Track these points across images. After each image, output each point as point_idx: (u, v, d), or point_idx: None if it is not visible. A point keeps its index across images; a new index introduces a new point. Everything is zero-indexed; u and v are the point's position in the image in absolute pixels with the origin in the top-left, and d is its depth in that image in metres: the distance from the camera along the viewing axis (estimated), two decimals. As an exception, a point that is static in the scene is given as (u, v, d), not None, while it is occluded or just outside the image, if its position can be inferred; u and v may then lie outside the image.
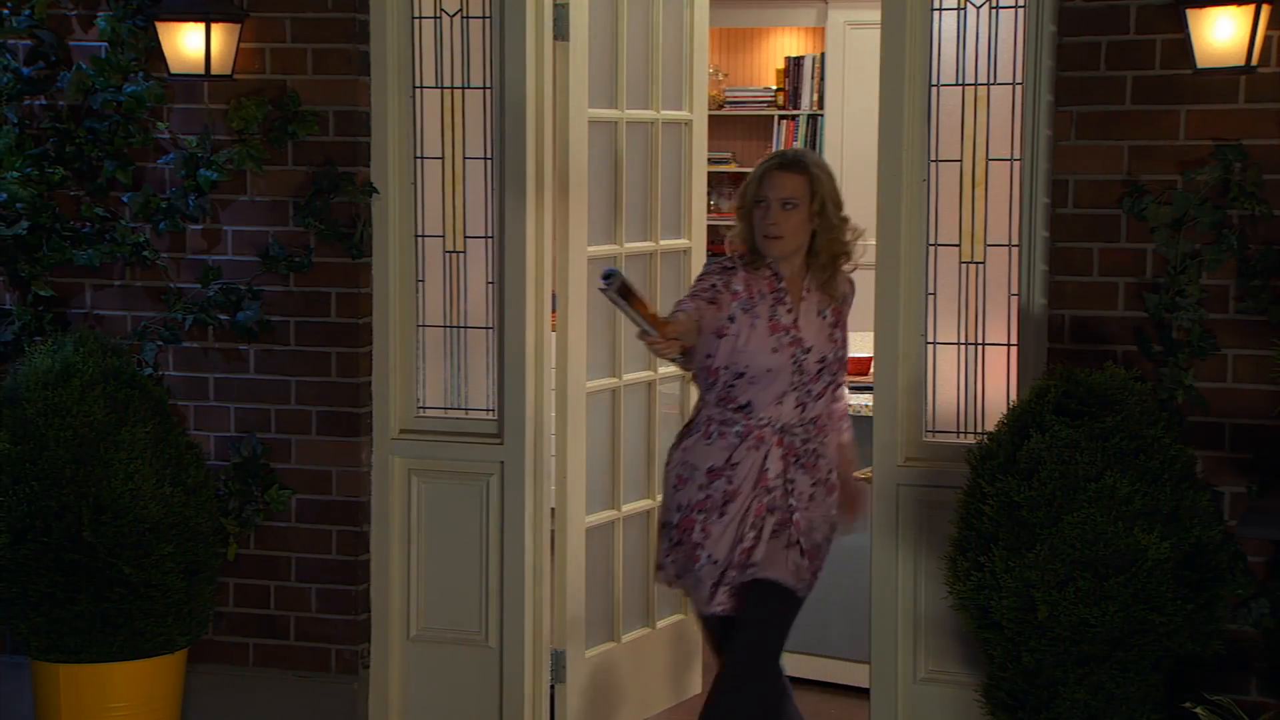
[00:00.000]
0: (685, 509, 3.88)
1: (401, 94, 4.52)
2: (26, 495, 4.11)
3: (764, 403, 3.84)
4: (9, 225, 4.57)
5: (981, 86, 4.18)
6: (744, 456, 3.85)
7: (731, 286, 3.84)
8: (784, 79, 8.80)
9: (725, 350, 3.83)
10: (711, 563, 3.84)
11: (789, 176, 3.84)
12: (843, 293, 3.96)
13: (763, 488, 3.84)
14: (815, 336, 3.87)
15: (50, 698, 4.22)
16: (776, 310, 3.84)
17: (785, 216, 3.81)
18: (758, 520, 3.84)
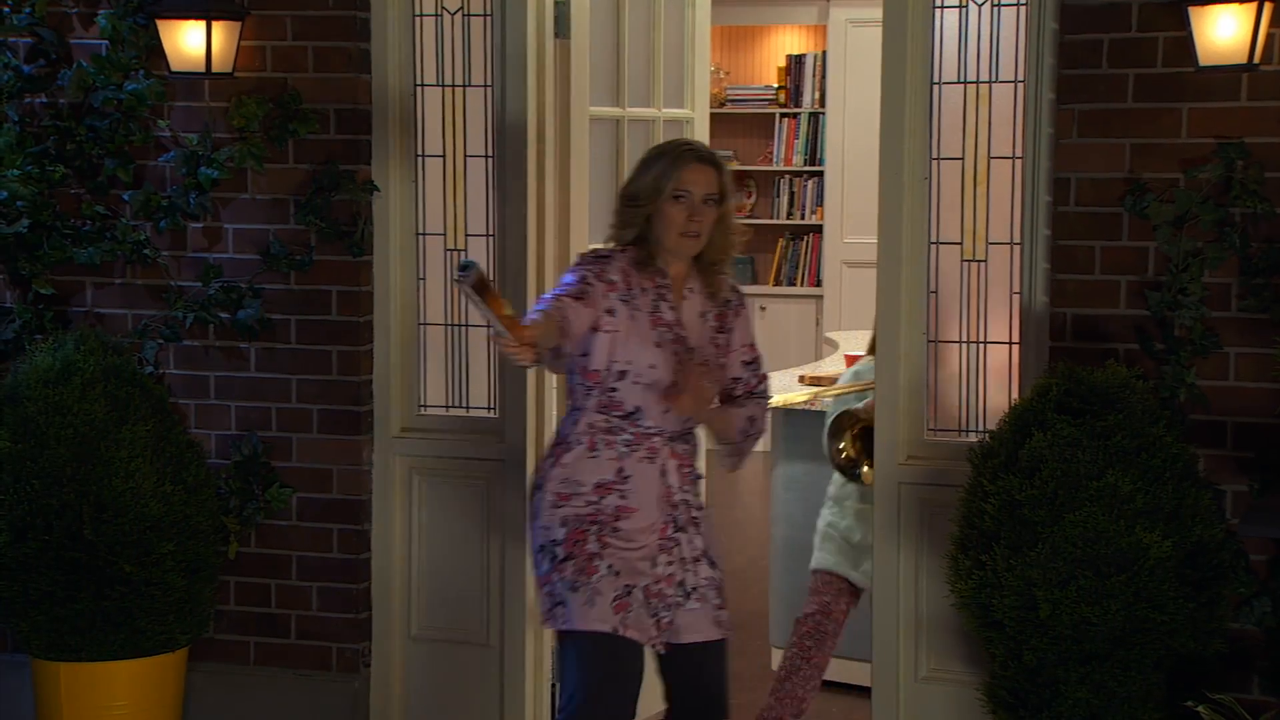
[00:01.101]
0: (573, 521, 3.52)
1: (402, 92, 4.51)
2: (27, 493, 4.11)
3: (652, 408, 3.54)
4: (10, 223, 4.57)
5: (983, 84, 4.17)
6: (637, 469, 3.54)
7: (606, 276, 3.54)
8: (785, 77, 8.81)
9: (604, 347, 3.53)
10: (613, 574, 3.49)
11: (709, 170, 3.58)
12: (724, 297, 3.70)
13: (667, 504, 3.56)
14: (698, 337, 3.63)
15: (51, 696, 4.22)
16: (659, 305, 3.58)
17: (707, 213, 3.57)
18: (666, 541, 3.55)
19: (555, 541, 3.52)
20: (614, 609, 3.46)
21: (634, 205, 3.57)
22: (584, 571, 3.48)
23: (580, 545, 3.49)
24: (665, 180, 3.55)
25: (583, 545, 3.49)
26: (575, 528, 3.51)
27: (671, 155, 3.56)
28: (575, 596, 3.46)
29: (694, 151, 3.58)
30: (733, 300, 3.71)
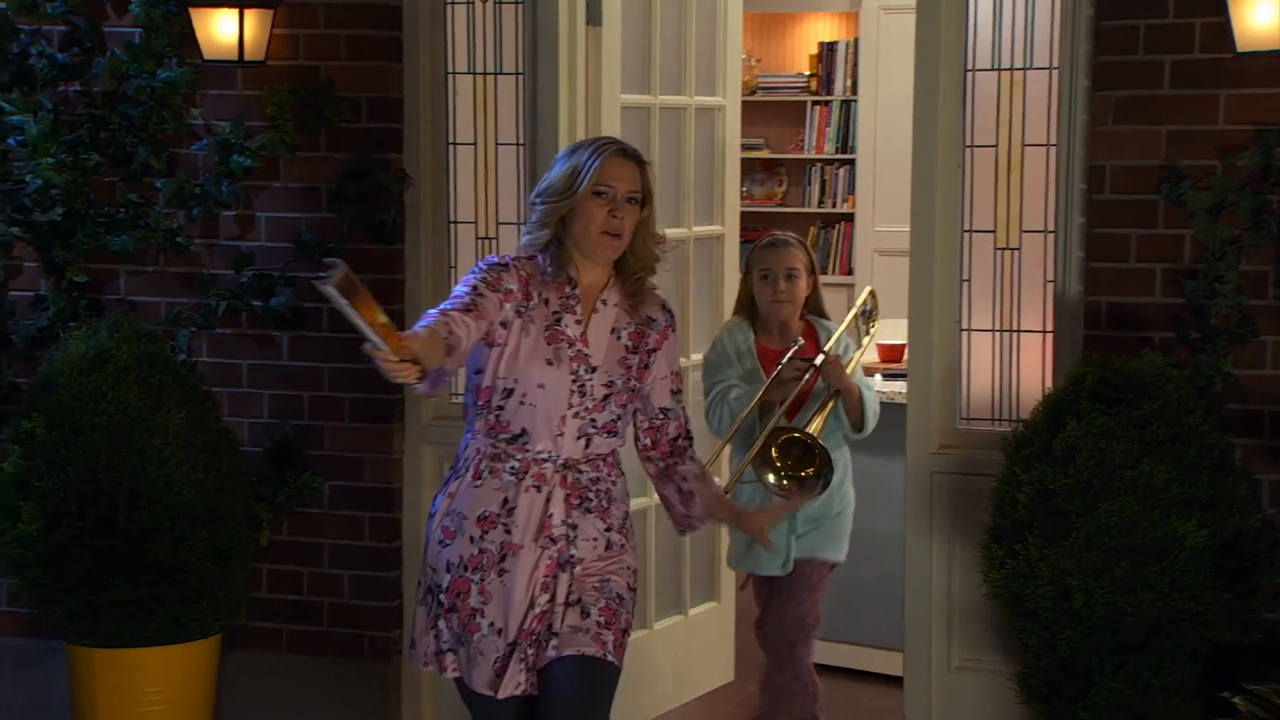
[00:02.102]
0: (456, 567, 3.21)
1: (434, 80, 4.51)
2: (62, 480, 4.13)
3: (541, 431, 3.19)
4: (44, 211, 4.59)
5: (1018, 71, 4.15)
6: (522, 500, 3.20)
7: (502, 285, 3.18)
8: (817, 64, 8.77)
9: (494, 362, 3.20)
10: (495, 632, 3.19)
11: (633, 167, 3.24)
12: (648, 315, 3.32)
13: (546, 538, 3.20)
14: (606, 357, 3.25)
15: (86, 682, 4.24)
16: (562, 318, 3.22)
17: (629, 213, 3.22)
18: (549, 580, 3.21)
19: (440, 587, 3.24)
20: (495, 671, 3.19)
21: (550, 201, 3.22)
22: (466, 628, 3.21)
23: (463, 599, 3.21)
24: (585, 174, 3.20)
25: (465, 599, 3.20)
26: (458, 576, 3.21)
27: (593, 148, 3.24)
28: (461, 651, 3.24)
29: (618, 146, 3.27)
30: (659, 320, 3.33)
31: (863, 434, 4.21)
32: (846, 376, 4.15)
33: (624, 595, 3.27)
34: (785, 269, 4.21)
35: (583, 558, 3.23)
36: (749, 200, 8.56)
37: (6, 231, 4.63)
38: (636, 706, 4.78)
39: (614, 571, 3.27)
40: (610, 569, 3.26)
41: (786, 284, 4.21)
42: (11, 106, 4.59)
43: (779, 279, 4.21)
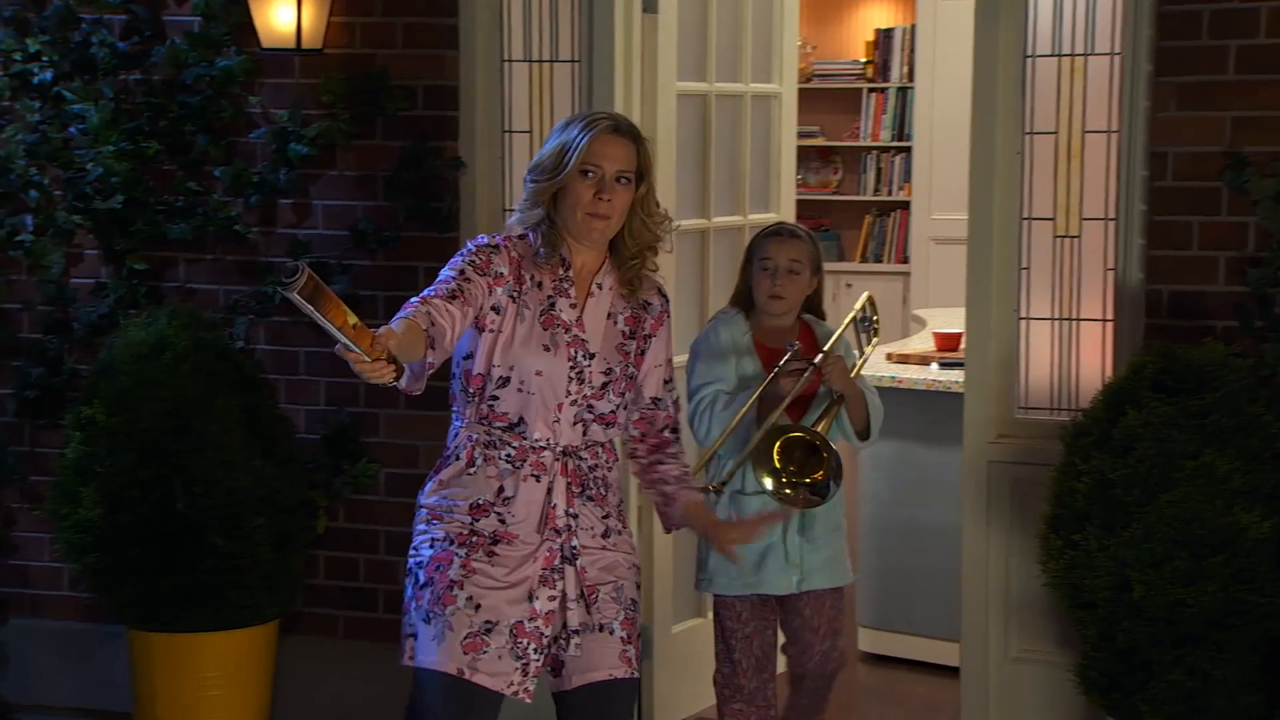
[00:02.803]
0: (441, 542, 3.04)
1: (490, 68, 4.51)
2: (122, 466, 4.17)
3: (538, 419, 3.05)
4: (105, 199, 4.63)
5: (1078, 57, 4.10)
6: (519, 489, 3.05)
7: (492, 268, 3.03)
8: (874, 51, 8.72)
9: (488, 349, 3.05)
10: (473, 607, 2.99)
11: (625, 144, 3.07)
12: (644, 300, 3.18)
13: (551, 530, 3.06)
14: (603, 343, 3.11)
15: (146, 666, 4.28)
16: (556, 302, 3.08)
17: (619, 193, 3.05)
18: (548, 573, 3.05)
19: (420, 564, 3.07)
20: (465, 647, 2.97)
21: (539, 180, 3.07)
22: (440, 601, 3.00)
23: (441, 571, 3.01)
24: (573, 151, 3.04)
25: (444, 571, 3.01)
26: (441, 550, 3.03)
27: (583, 124, 3.06)
28: (426, 629, 3.01)
29: (609, 121, 3.08)
30: (654, 305, 3.19)
31: (867, 442, 3.89)
32: (851, 379, 3.82)
33: (636, 599, 3.16)
34: (788, 262, 3.84)
35: (586, 546, 3.09)
36: (804, 188, 8.53)
37: (68, 219, 4.68)
38: (691, 695, 4.78)
39: (625, 576, 3.14)
40: (621, 572, 3.13)
41: (787, 278, 3.83)
42: (73, 95, 4.63)
43: (779, 271, 3.83)
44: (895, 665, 5.13)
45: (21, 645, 4.84)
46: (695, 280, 4.82)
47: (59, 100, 4.66)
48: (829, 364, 3.77)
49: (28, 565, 4.85)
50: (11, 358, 4.79)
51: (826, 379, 3.78)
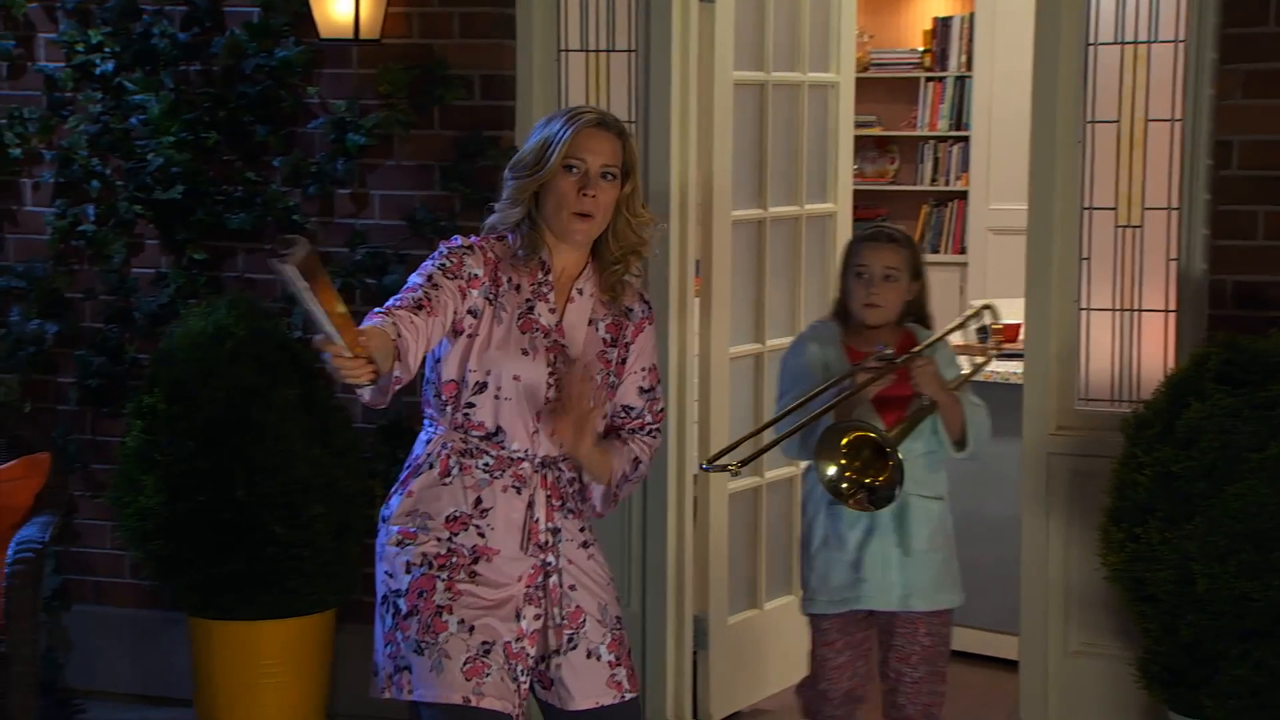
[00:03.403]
0: (419, 566, 2.88)
1: (547, 57, 4.51)
2: (182, 454, 4.20)
3: (517, 428, 2.91)
4: (165, 189, 4.66)
5: (1141, 45, 4.06)
6: (498, 500, 2.91)
7: (465, 270, 2.88)
8: (931, 40, 8.66)
9: (462, 353, 2.91)
10: (466, 630, 2.85)
11: (610, 139, 2.94)
12: (626, 306, 3.03)
13: (534, 545, 2.92)
14: (584, 350, 2.97)
15: (206, 653, 4.31)
16: (535, 305, 2.94)
17: (604, 190, 2.91)
18: (532, 590, 2.92)
19: (398, 592, 2.89)
20: (466, 674, 2.83)
21: (520, 176, 2.93)
22: (430, 629, 2.85)
23: (426, 597, 2.85)
24: (555, 145, 2.90)
25: (429, 597, 2.85)
26: (421, 574, 2.87)
27: (566, 118, 2.93)
28: (421, 660, 2.85)
29: (593, 115, 2.94)
30: (636, 310, 3.04)
31: (965, 453, 3.68)
32: (943, 386, 3.62)
33: (620, 616, 3.03)
34: (883, 269, 3.66)
35: (571, 560, 2.97)
36: (860, 178, 8.48)
37: (129, 209, 4.72)
38: (748, 687, 4.77)
39: (608, 594, 3.02)
40: (604, 591, 3.01)
41: (882, 285, 3.66)
42: (134, 86, 4.67)
43: (875, 279, 3.66)
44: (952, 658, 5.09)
45: (84, 632, 4.89)
46: (751, 271, 4.80)
47: (120, 91, 4.69)
48: (917, 368, 3.57)
49: (90, 552, 4.89)
50: (74, 347, 4.84)
51: (915, 384, 3.60)
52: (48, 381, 4.87)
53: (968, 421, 3.65)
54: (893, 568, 3.64)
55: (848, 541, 3.66)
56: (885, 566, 3.63)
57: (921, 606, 3.65)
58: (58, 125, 4.78)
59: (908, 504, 3.61)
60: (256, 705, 4.26)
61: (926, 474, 3.67)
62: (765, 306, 4.82)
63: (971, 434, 3.66)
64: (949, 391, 3.63)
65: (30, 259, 4.83)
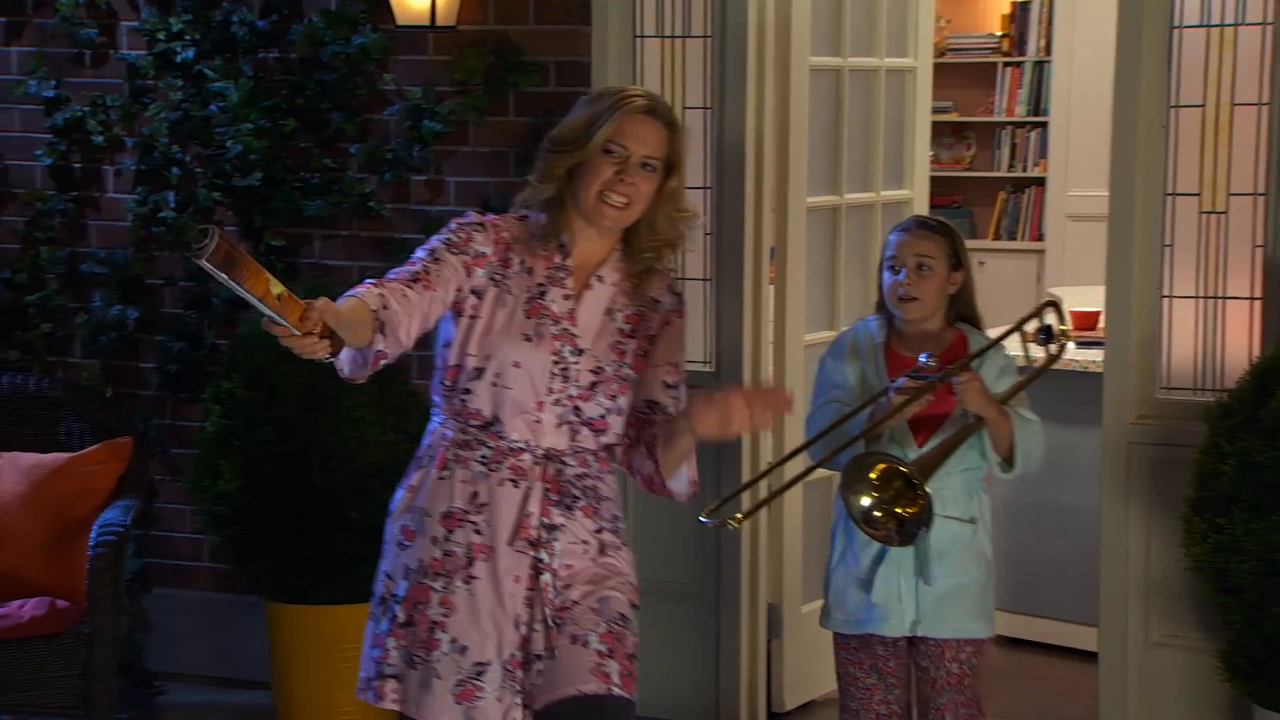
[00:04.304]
0: (415, 573, 2.77)
1: (622, 43, 4.50)
2: (259, 439, 4.23)
3: (515, 418, 2.75)
4: (243, 176, 4.70)
5: (1228, 27, 3.98)
6: (495, 495, 2.75)
7: (473, 247, 2.75)
8: (1009, 24, 8.57)
9: (463, 336, 2.77)
10: (459, 650, 2.72)
11: (657, 127, 2.78)
12: (652, 295, 2.86)
13: (524, 540, 2.75)
14: (596, 339, 2.80)
15: (283, 637, 4.35)
16: (547, 291, 2.78)
17: (641, 178, 2.76)
18: (529, 591, 2.75)
19: (395, 597, 2.79)
20: (456, 696, 2.71)
21: (558, 151, 2.77)
22: (424, 645, 2.74)
23: (421, 609, 2.74)
24: (599, 125, 2.74)
25: (424, 609, 2.74)
26: (416, 582, 2.75)
27: (615, 98, 2.78)
28: (411, 674, 2.75)
29: (644, 100, 2.79)
30: (664, 302, 2.87)
31: (1012, 474, 3.38)
32: (990, 402, 3.30)
33: (627, 614, 2.80)
34: (916, 258, 3.37)
35: (569, 564, 2.77)
36: (936, 165, 8.40)
37: (208, 196, 4.76)
38: (821, 676, 4.75)
39: (612, 587, 2.79)
40: (608, 585, 2.79)
41: (916, 277, 3.36)
42: (213, 74, 4.71)
43: (908, 269, 3.37)
44: (1030, 649, 5.05)
45: (164, 614, 4.95)
46: (826, 259, 4.77)
47: (200, 79, 4.74)
48: (961, 384, 3.26)
49: (170, 536, 4.95)
50: (154, 332, 4.90)
51: (960, 401, 3.30)
52: (128, 367, 4.93)
53: (1017, 441, 3.33)
54: (905, 592, 3.39)
55: (861, 561, 3.42)
56: (897, 591, 3.39)
57: (936, 633, 3.40)
58: (139, 113, 4.83)
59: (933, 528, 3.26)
60: (332, 689, 4.29)
61: (961, 494, 3.39)
62: (840, 294, 4.78)
63: (1020, 455, 3.35)
64: (998, 407, 3.32)
65: (112, 245, 4.89)
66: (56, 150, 4.90)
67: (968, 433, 3.31)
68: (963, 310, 3.47)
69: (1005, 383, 3.39)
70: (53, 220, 4.93)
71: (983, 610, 3.46)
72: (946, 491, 3.36)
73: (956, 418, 3.36)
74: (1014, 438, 3.33)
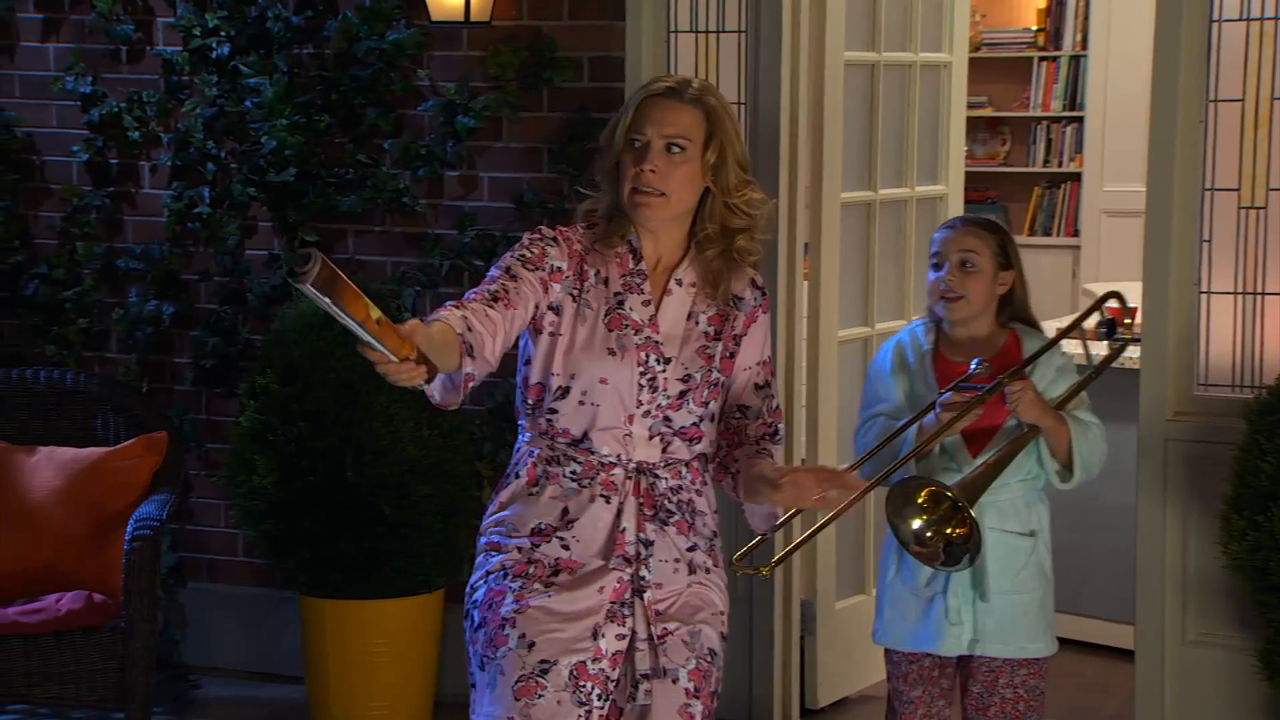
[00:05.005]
0: (496, 575, 2.69)
1: (656, 39, 4.49)
2: (294, 435, 4.24)
3: (606, 434, 2.66)
4: (278, 172, 4.71)
5: (1269, 21, 3.94)
6: (586, 511, 2.66)
7: (548, 262, 2.65)
8: (1045, 19, 8.52)
9: (545, 354, 2.68)
10: (526, 646, 2.62)
11: (679, 108, 2.64)
12: (734, 294, 2.73)
13: (619, 557, 2.66)
14: (681, 347, 2.69)
15: (317, 632, 4.36)
16: (625, 300, 2.67)
17: (670, 163, 2.63)
18: (616, 607, 2.65)
19: (474, 604, 2.72)
20: (516, 693, 2.60)
21: (599, 157, 2.70)
22: (492, 643, 2.65)
23: (494, 609, 2.66)
24: (620, 120, 2.66)
25: (496, 609, 2.66)
26: (495, 585, 2.68)
27: (640, 89, 2.71)
28: (481, 676, 2.67)
29: (666, 83, 2.67)
30: (746, 299, 2.75)
31: (1071, 484, 3.26)
32: (1046, 410, 3.18)
33: (716, 650, 2.71)
34: (960, 254, 3.23)
35: (660, 582, 2.68)
36: (971, 160, 8.35)
37: (243, 192, 4.77)
38: (855, 673, 4.73)
39: (705, 620, 2.70)
40: (704, 617, 2.70)
41: (959, 275, 3.23)
42: (249, 69, 4.72)
43: (951, 267, 3.24)
44: (1065, 645, 4.98)
45: (198, 609, 4.97)
46: (860, 255, 4.75)
47: (235, 74, 4.75)
48: (1014, 394, 3.12)
49: (205, 531, 4.97)
50: (189, 327, 4.91)
51: (1013, 411, 3.16)
52: (164, 361, 4.95)
53: (1075, 449, 3.19)
54: (964, 610, 3.25)
55: (917, 578, 3.28)
56: (954, 609, 3.26)
57: (993, 652, 3.26)
58: (175, 109, 4.85)
59: (989, 541, 3.17)
60: (366, 684, 4.31)
61: (1021, 505, 3.27)
62: (874, 290, 4.77)
63: (1079, 464, 3.21)
64: (1054, 414, 3.19)
65: (148, 241, 4.91)
66: (93, 146, 4.92)
67: (1021, 444, 3.16)
68: (1016, 313, 3.33)
69: (1064, 383, 3.24)
70: (89, 216, 4.95)
71: (1043, 628, 3.31)
72: (1005, 503, 3.23)
73: (1010, 428, 3.22)
74: (1072, 445, 3.20)
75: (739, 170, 2.68)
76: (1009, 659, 3.28)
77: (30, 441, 4.41)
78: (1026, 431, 3.19)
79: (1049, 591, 3.34)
